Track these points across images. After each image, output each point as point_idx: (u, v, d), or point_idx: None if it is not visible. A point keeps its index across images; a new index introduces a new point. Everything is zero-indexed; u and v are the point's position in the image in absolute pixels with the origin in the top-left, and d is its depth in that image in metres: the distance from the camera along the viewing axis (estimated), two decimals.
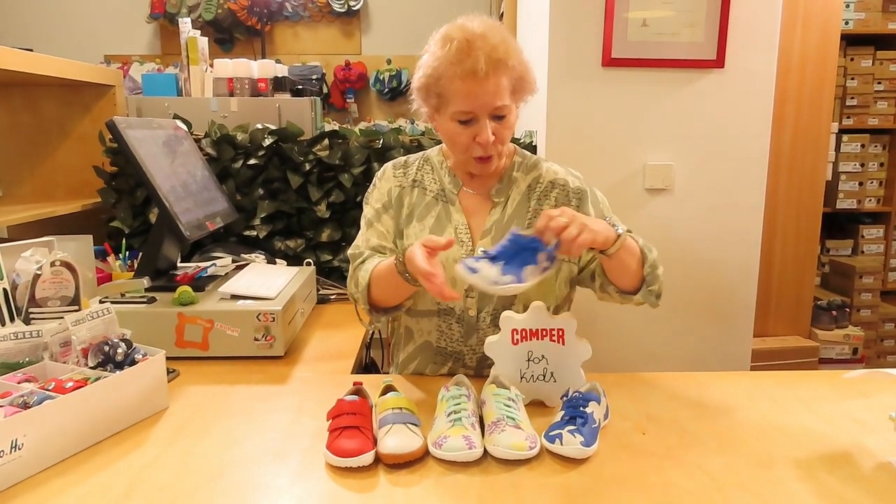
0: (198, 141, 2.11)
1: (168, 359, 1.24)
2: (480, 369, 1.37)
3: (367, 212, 1.44)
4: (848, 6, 3.19)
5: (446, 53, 1.23)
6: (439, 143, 1.52)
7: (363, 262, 1.36)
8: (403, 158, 1.49)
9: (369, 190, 1.47)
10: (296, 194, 2.16)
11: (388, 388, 1.14)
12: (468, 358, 1.37)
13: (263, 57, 4.20)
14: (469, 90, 1.23)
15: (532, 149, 2.13)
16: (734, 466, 1.00)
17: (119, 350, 1.17)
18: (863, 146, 3.34)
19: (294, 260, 2.09)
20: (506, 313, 1.21)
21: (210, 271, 1.68)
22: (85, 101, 2.24)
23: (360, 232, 1.44)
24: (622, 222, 1.46)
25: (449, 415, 1.06)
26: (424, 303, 1.37)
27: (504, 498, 0.92)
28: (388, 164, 1.47)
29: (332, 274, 2.17)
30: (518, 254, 1.09)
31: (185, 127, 1.97)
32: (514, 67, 1.26)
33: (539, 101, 2.07)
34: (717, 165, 2.03)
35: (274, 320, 1.43)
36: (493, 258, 1.09)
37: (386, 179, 1.45)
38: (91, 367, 1.16)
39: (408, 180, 1.44)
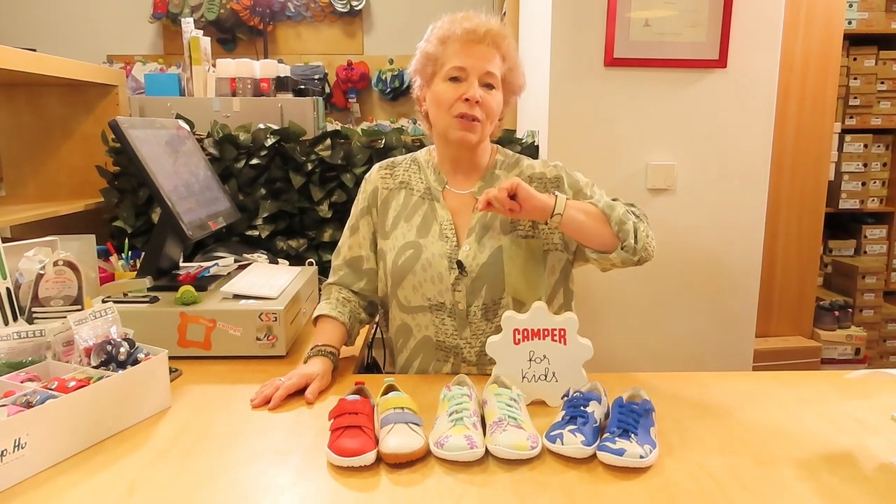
0: (200, 141, 2.12)
1: (170, 358, 1.24)
2: (482, 365, 1.39)
3: (352, 213, 1.52)
4: (851, 6, 3.18)
5: (453, 17, 1.38)
6: None
7: (329, 288, 1.50)
8: (391, 159, 1.54)
9: (359, 190, 1.53)
10: (298, 194, 2.17)
11: (390, 388, 1.14)
12: (466, 352, 1.39)
13: (266, 57, 4.21)
14: (465, 48, 1.34)
15: (534, 148, 2.13)
16: (736, 466, 1.00)
17: (122, 349, 1.17)
18: (865, 146, 3.34)
19: (296, 260, 2.09)
20: (507, 313, 1.22)
21: (212, 271, 1.68)
22: (88, 101, 2.24)
23: (344, 234, 1.52)
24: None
25: (450, 414, 1.06)
26: (417, 299, 1.40)
27: (505, 497, 0.92)
28: (376, 165, 1.53)
29: None
30: (636, 420, 1.04)
31: (187, 127, 1.97)
32: (508, 50, 1.37)
33: (541, 101, 2.07)
34: (719, 165, 2.03)
35: (276, 320, 1.43)
36: (623, 432, 1.02)
37: (371, 181, 1.51)
38: (94, 367, 1.16)
39: (395, 182, 1.48)
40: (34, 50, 1.92)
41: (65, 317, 1.21)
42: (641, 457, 0.97)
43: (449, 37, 1.35)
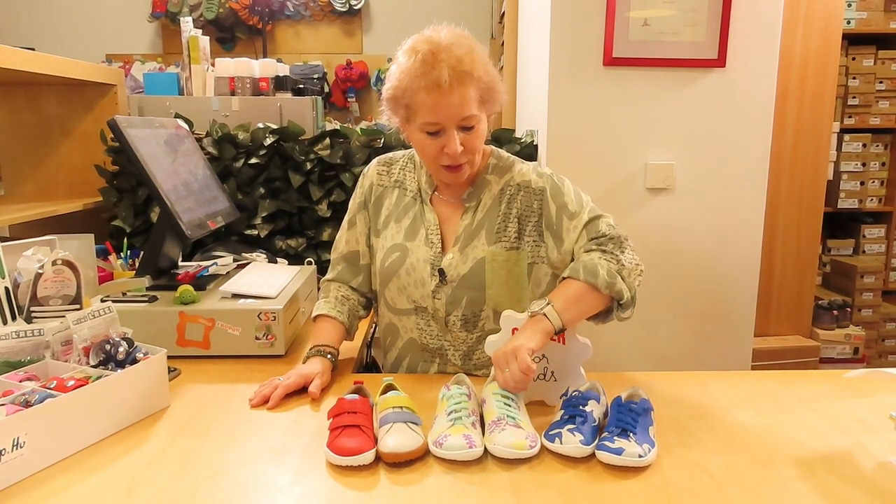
0: (199, 140, 2.12)
1: (169, 357, 1.24)
2: (467, 368, 1.39)
3: (350, 207, 1.50)
4: (850, 5, 3.18)
5: (411, 66, 1.23)
6: None
7: (328, 284, 1.49)
8: (390, 155, 1.51)
9: (357, 184, 1.52)
10: (297, 193, 2.17)
11: (389, 387, 1.14)
12: (451, 354, 1.39)
13: (265, 56, 4.21)
14: (435, 102, 1.23)
15: (533, 148, 2.13)
16: (735, 465, 1.00)
17: (120, 349, 1.17)
18: (864, 146, 3.34)
19: (295, 259, 2.10)
20: (506, 312, 1.22)
21: (211, 270, 1.68)
22: (87, 101, 2.24)
23: (341, 228, 1.51)
24: (621, 222, 1.46)
25: (449, 414, 1.06)
26: (402, 301, 1.40)
27: (504, 497, 0.92)
28: (374, 160, 1.51)
29: None
30: (635, 420, 1.04)
31: (186, 126, 1.97)
32: (480, 78, 1.25)
33: (540, 101, 2.07)
34: (718, 165, 2.03)
35: (275, 319, 1.43)
36: (622, 431, 1.02)
37: (368, 176, 1.49)
38: (92, 366, 1.16)
39: (390, 180, 1.47)
40: (33, 49, 1.92)
41: (63, 316, 1.21)
42: (640, 456, 0.98)
43: (413, 89, 1.23)
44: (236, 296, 1.49)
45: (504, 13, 2.92)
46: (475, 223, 1.38)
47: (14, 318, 1.28)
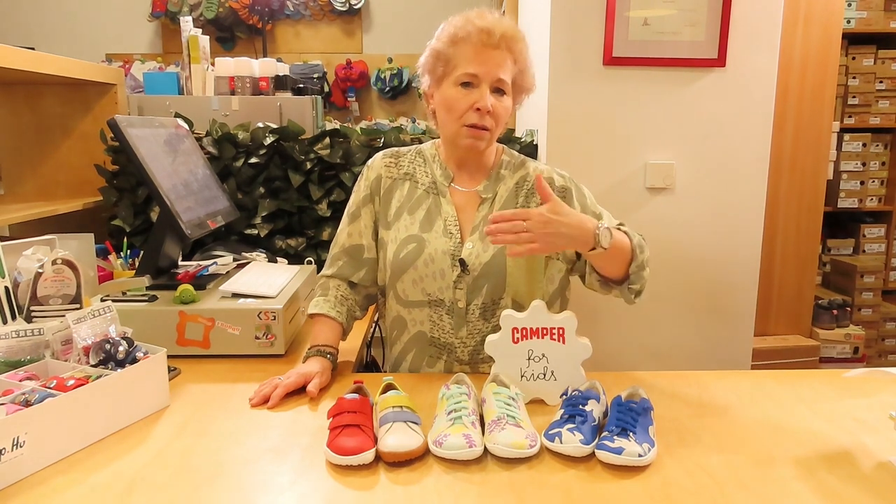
0: (199, 139, 2.11)
1: (169, 357, 1.24)
2: (475, 364, 1.39)
3: (352, 200, 1.49)
4: (850, 5, 3.18)
5: (465, 20, 1.32)
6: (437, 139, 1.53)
7: (327, 281, 1.46)
8: (396, 149, 1.52)
9: (359, 176, 1.51)
10: (297, 193, 2.16)
11: (389, 387, 1.14)
12: (460, 351, 1.39)
13: (265, 55, 4.21)
14: (479, 53, 1.30)
15: (533, 148, 2.13)
16: (734, 465, 1.01)
17: (120, 348, 1.17)
18: (864, 145, 3.34)
19: (295, 258, 2.09)
20: (506, 312, 1.22)
21: (211, 270, 1.68)
22: (86, 100, 2.24)
23: (342, 221, 1.50)
24: (622, 220, 1.47)
25: (449, 413, 1.06)
26: (415, 294, 1.39)
27: (504, 496, 0.92)
28: (379, 153, 1.51)
29: None
30: (635, 419, 1.04)
31: (186, 125, 1.97)
32: (521, 52, 1.34)
33: (540, 100, 2.07)
34: (718, 164, 2.03)
35: (275, 319, 1.43)
36: (622, 431, 1.03)
37: (374, 168, 1.49)
38: (92, 366, 1.16)
39: (399, 172, 1.47)
40: (33, 49, 1.92)
41: (63, 315, 1.21)
42: (640, 455, 0.98)
43: (462, 38, 1.31)
44: (236, 295, 1.49)
45: (504, 13, 2.92)
46: (494, 212, 1.39)
47: (14, 318, 1.28)
